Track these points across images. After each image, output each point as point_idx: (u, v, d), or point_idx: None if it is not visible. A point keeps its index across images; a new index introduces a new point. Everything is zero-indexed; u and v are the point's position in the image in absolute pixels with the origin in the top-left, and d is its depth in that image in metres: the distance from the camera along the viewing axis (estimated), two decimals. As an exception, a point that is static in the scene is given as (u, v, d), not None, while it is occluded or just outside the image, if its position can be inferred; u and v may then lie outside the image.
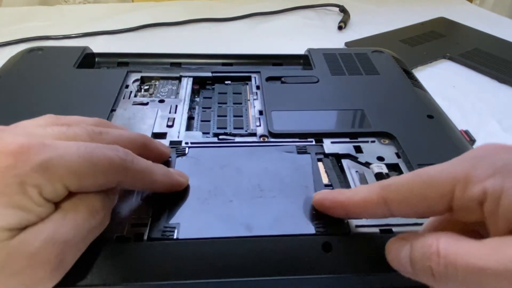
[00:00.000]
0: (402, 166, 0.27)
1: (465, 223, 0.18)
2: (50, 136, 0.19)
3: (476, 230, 0.18)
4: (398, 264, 0.18)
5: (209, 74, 0.38)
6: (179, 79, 0.38)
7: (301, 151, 0.28)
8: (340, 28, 0.67)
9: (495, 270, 0.14)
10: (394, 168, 0.27)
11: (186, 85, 0.37)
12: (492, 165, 0.16)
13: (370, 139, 0.29)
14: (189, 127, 0.31)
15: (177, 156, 0.27)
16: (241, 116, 0.33)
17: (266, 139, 0.30)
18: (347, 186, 0.26)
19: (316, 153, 0.28)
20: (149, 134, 0.29)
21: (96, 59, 0.44)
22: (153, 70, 0.39)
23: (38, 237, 0.16)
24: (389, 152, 0.28)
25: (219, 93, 0.36)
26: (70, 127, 0.20)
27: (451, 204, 0.17)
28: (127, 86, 0.36)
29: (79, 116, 0.23)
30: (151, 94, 0.36)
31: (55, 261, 0.17)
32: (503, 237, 0.15)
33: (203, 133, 0.30)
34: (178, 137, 0.29)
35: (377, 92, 0.36)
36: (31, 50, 0.41)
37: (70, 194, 0.18)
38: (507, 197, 0.15)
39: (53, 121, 0.21)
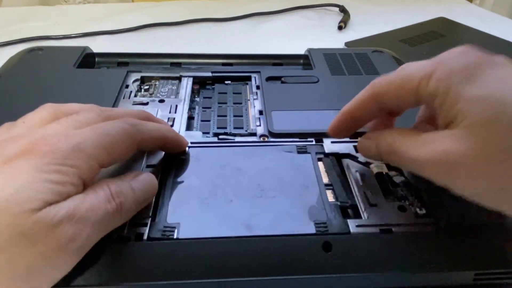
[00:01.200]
0: (402, 166, 0.27)
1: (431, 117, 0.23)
2: (68, 127, 0.21)
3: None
4: (368, 156, 0.25)
5: (209, 74, 0.38)
6: (179, 79, 0.38)
7: (301, 150, 0.28)
8: (340, 28, 0.67)
9: (420, 161, 0.19)
10: (394, 168, 0.27)
11: (186, 85, 0.37)
12: (449, 68, 0.19)
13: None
14: (189, 127, 0.31)
15: (177, 156, 0.27)
16: (241, 116, 0.33)
17: (266, 139, 0.30)
18: (347, 186, 0.26)
19: (316, 153, 0.28)
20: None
21: (96, 59, 0.44)
22: (153, 70, 0.39)
23: (60, 210, 0.18)
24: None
25: (219, 93, 0.36)
26: (78, 113, 0.22)
27: (419, 97, 0.20)
28: (127, 86, 0.36)
29: (77, 104, 0.24)
30: (151, 94, 0.36)
31: (71, 235, 0.18)
32: (433, 133, 0.20)
33: (203, 133, 0.30)
34: (178, 137, 0.29)
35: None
36: (31, 50, 0.41)
37: (93, 181, 0.20)
38: (450, 96, 0.19)
39: (56, 111, 0.23)
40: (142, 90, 0.36)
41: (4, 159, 0.18)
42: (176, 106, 0.33)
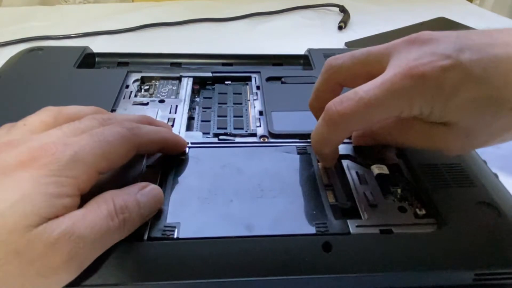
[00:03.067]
0: (402, 166, 0.27)
1: None
2: (68, 134, 0.21)
3: None
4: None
5: (209, 74, 0.38)
6: (179, 79, 0.38)
7: (301, 151, 0.28)
8: (340, 28, 0.67)
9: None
10: (394, 168, 0.27)
11: (186, 85, 0.37)
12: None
13: (370, 139, 0.29)
14: (189, 127, 0.31)
15: (178, 156, 0.27)
16: (241, 117, 0.33)
17: (266, 140, 0.30)
18: (347, 186, 0.26)
19: (316, 153, 0.28)
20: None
21: (96, 59, 0.44)
22: (153, 70, 0.39)
23: (57, 228, 0.17)
24: (389, 152, 0.28)
25: (219, 93, 0.36)
26: (80, 121, 0.22)
27: None
28: (127, 86, 0.36)
29: (78, 106, 0.24)
30: (151, 94, 0.36)
31: (69, 253, 0.17)
32: (430, 130, 0.23)
33: (203, 133, 0.30)
34: (178, 137, 0.29)
35: (377, 92, 0.36)
36: (31, 50, 0.41)
37: (95, 195, 0.20)
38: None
39: (57, 114, 0.22)
40: (142, 90, 0.36)
41: (2, 169, 0.18)
42: (176, 106, 0.33)
